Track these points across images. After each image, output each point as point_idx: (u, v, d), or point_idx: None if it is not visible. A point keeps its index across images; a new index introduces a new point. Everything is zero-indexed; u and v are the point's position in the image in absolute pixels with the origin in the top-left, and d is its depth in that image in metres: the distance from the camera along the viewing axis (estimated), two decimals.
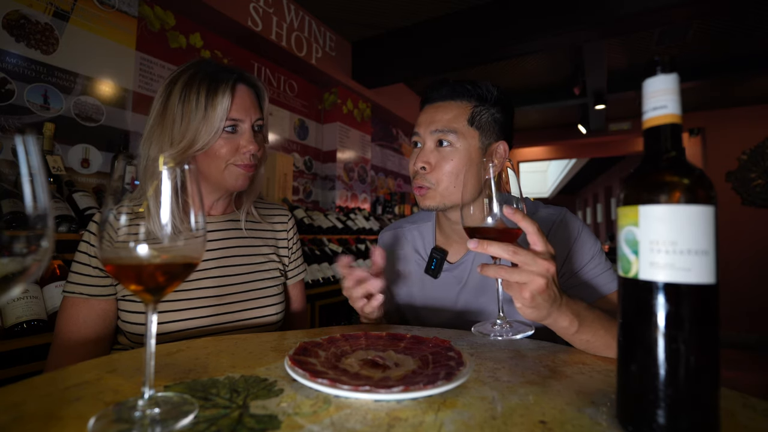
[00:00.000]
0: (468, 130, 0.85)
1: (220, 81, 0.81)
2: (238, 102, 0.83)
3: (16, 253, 0.31)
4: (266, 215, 1.03)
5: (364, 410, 0.42)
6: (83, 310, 0.78)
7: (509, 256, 0.58)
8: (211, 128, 0.80)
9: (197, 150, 0.81)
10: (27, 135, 0.32)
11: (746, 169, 4.72)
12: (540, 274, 0.57)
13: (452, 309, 0.93)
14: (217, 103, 0.80)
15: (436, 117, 0.86)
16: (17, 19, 1.66)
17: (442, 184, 0.85)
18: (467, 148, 0.85)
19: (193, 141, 0.80)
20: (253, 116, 0.86)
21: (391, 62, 3.34)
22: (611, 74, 3.90)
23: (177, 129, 0.80)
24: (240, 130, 0.85)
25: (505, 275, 0.59)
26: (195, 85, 0.81)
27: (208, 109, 0.79)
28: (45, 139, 1.63)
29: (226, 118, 0.81)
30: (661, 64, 0.39)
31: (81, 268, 0.79)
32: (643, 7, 2.34)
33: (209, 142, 0.80)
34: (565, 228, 0.87)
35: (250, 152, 0.84)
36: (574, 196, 16.47)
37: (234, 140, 0.84)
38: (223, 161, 0.83)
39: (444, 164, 0.84)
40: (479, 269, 0.61)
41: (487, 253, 0.59)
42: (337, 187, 3.47)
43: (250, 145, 0.84)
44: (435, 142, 0.86)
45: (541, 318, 0.61)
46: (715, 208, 0.37)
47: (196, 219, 0.42)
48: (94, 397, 0.44)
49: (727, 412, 0.43)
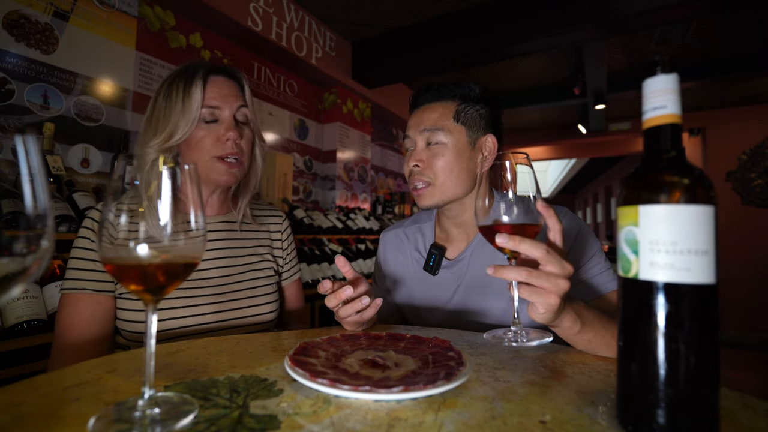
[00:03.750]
0: (455, 126, 0.90)
1: (195, 72, 0.84)
2: (214, 90, 0.85)
3: (16, 253, 0.31)
4: (261, 216, 1.03)
5: (364, 410, 0.42)
6: (83, 306, 0.78)
7: (542, 256, 0.54)
8: (189, 117, 0.82)
9: (177, 140, 0.82)
10: (27, 135, 0.32)
11: (746, 169, 4.72)
12: (566, 277, 0.55)
13: (451, 306, 0.93)
14: (192, 92, 0.83)
15: (424, 118, 0.92)
16: (17, 18, 1.66)
17: (439, 179, 0.88)
18: (456, 144, 0.89)
19: (173, 131, 0.82)
20: (233, 104, 0.87)
21: (392, 62, 3.34)
22: (611, 74, 3.90)
23: (160, 123, 0.83)
24: (220, 119, 0.86)
25: (535, 280, 0.54)
26: (176, 82, 0.84)
27: (185, 100, 0.82)
28: (45, 139, 1.63)
29: (201, 106, 0.83)
30: (661, 64, 0.39)
31: (79, 264, 0.79)
32: (643, 7, 2.34)
33: (187, 131, 0.82)
34: (564, 224, 0.87)
35: (231, 139, 0.85)
36: (574, 196, 16.48)
37: (215, 130, 0.85)
38: (207, 154, 0.84)
39: (436, 160, 0.89)
40: (491, 271, 0.57)
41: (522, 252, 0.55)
42: (337, 187, 3.47)
43: (230, 132, 0.84)
44: (425, 141, 0.91)
45: (551, 320, 0.59)
46: (715, 208, 0.37)
47: (195, 219, 0.42)
48: (94, 397, 0.44)
49: (727, 412, 0.43)
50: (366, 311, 0.72)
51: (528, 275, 0.54)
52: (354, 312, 0.70)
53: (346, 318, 0.73)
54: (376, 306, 0.72)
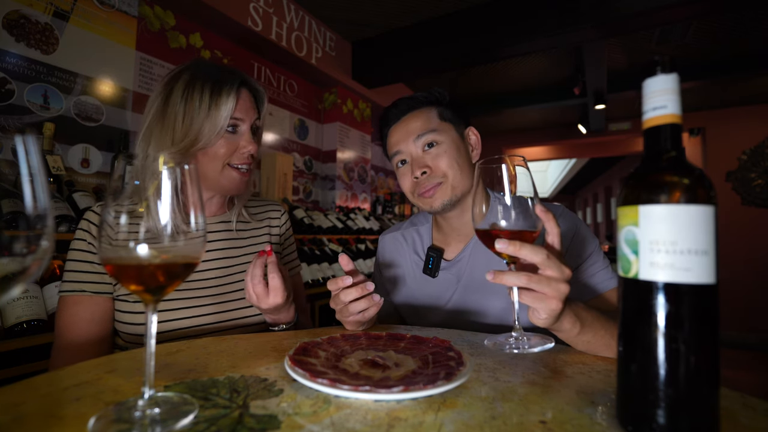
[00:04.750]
0: (443, 124, 0.92)
1: (224, 82, 0.83)
2: (241, 103, 0.86)
3: (16, 253, 0.31)
4: (260, 213, 1.04)
5: (364, 410, 0.42)
6: (83, 307, 0.78)
7: (542, 261, 0.54)
8: (215, 127, 0.81)
9: (198, 148, 0.82)
10: (27, 135, 0.32)
11: (746, 169, 4.72)
12: (566, 281, 0.55)
13: (450, 306, 0.93)
14: (221, 103, 0.82)
15: (410, 127, 0.91)
16: (17, 18, 1.66)
17: (449, 177, 0.89)
18: (452, 139, 0.91)
19: (196, 139, 0.81)
20: (252, 117, 0.88)
21: (391, 62, 3.34)
22: (611, 74, 3.90)
23: (179, 127, 0.81)
24: (240, 131, 0.86)
25: (535, 285, 0.54)
26: (198, 85, 0.82)
27: (212, 109, 0.81)
28: (45, 139, 1.63)
29: (230, 118, 0.83)
30: (661, 64, 0.39)
31: (76, 266, 0.79)
32: (643, 7, 2.34)
33: (212, 141, 0.82)
34: (561, 225, 0.87)
35: (249, 152, 0.86)
36: (574, 196, 16.48)
37: (233, 140, 0.85)
38: (221, 162, 0.84)
39: (440, 161, 0.89)
40: (490, 277, 0.56)
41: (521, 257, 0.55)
42: (337, 187, 3.47)
43: (250, 146, 0.86)
44: (422, 147, 0.90)
45: (551, 324, 0.58)
46: (715, 208, 0.37)
47: (195, 219, 0.42)
48: (94, 397, 0.44)
49: (727, 412, 0.43)
50: (368, 310, 0.72)
51: (528, 280, 0.54)
52: (367, 306, 0.71)
53: (348, 318, 0.73)
54: (378, 305, 0.73)
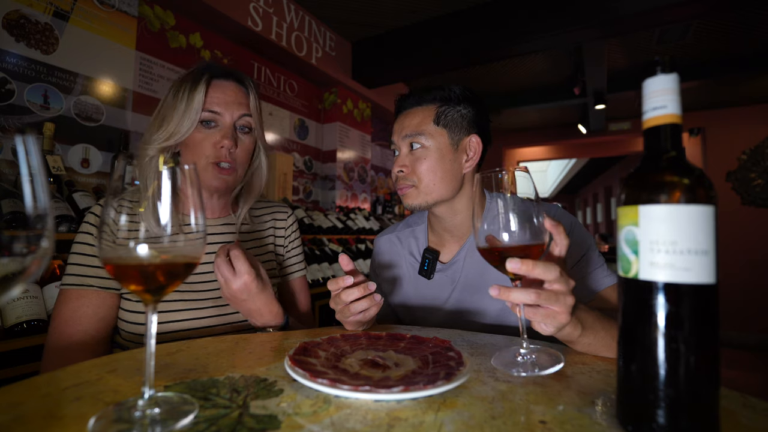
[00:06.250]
0: (435, 129, 0.90)
1: (202, 74, 0.84)
2: (218, 95, 0.85)
3: (16, 253, 0.31)
4: (266, 214, 1.03)
5: (364, 410, 0.42)
6: (87, 302, 0.76)
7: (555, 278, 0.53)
8: (189, 119, 0.82)
9: (177, 140, 0.82)
10: (27, 135, 0.32)
11: (746, 169, 4.71)
12: (571, 292, 0.55)
13: (446, 308, 0.94)
14: (195, 94, 0.82)
15: (405, 123, 0.93)
16: (17, 18, 1.66)
17: (422, 183, 0.89)
18: (438, 147, 0.89)
19: (174, 131, 0.82)
20: (235, 111, 0.85)
21: (391, 62, 3.34)
22: (611, 74, 3.90)
23: (165, 121, 0.83)
24: (220, 125, 0.85)
25: (544, 302, 0.53)
26: (185, 81, 0.84)
27: (188, 101, 0.82)
28: (45, 139, 1.63)
29: (201, 109, 0.83)
30: (661, 64, 0.39)
31: (83, 260, 0.78)
32: (643, 7, 2.34)
33: (186, 132, 0.82)
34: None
35: (226, 147, 0.84)
36: (574, 196, 16.48)
37: (212, 135, 0.84)
38: (203, 157, 0.84)
39: (419, 165, 0.89)
40: (495, 293, 0.54)
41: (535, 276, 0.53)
42: (337, 187, 3.47)
43: (225, 140, 0.83)
44: (408, 146, 0.92)
45: (556, 333, 0.58)
46: (715, 207, 0.37)
47: (195, 219, 0.42)
48: (94, 397, 0.44)
49: (727, 412, 0.43)
50: (369, 310, 0.73)
51: (537, 298, 0.52)
52: (369, 306, 0.72)
53: (349, 318, 0.73)
54: (379, 305, 0.73)
